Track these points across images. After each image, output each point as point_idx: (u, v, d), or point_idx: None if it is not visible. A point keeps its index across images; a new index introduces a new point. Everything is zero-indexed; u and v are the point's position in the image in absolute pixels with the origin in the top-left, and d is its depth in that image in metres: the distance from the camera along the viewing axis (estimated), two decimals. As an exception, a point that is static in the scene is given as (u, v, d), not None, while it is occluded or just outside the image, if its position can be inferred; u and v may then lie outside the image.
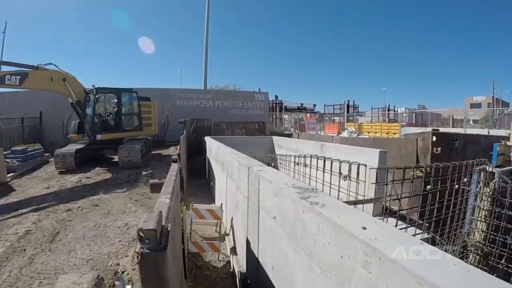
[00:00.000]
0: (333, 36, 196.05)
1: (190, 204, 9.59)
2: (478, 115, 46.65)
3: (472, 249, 9.76)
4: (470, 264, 9.15)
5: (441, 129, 24.93)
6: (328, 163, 7.32)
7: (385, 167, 6.18)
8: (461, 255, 9.35)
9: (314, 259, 3.20)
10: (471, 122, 41.98)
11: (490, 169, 9.93)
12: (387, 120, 38.80)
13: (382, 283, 2.14)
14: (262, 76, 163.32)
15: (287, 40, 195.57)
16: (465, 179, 8.96)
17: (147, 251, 2.60)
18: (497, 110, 39.02)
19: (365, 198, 6.79)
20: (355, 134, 29.86)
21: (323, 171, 7.47)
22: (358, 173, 6.59)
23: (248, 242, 6.43)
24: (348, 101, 46.29)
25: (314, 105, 51.65)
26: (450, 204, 8.31)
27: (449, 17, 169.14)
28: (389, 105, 46.37)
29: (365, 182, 6.44)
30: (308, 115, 43.81)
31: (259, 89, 33.43)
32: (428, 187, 7.71)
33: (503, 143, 12.06)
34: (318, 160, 7.73)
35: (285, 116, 44.38)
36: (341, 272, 2.67)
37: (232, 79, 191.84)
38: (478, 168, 9.69)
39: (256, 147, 14.21)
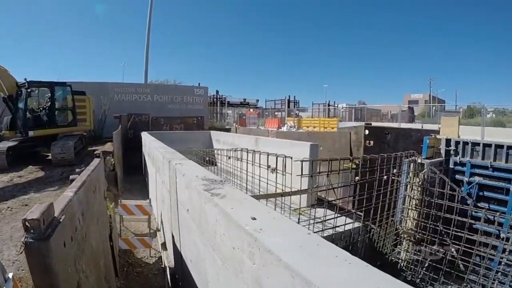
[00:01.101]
0: (278, 33, 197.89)
1: (119, 201, 9.29)
2: (415, 111, 49.20)
3: (404, 236, 10.14)
4: (404, 250, 9.54)
5: (374, 123, 25.82)
6: (258, 156, 7.28)
7: (309, 159, 6.16)
8: (394, 242, 9.70)
9: (216, 251, 3.11)
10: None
11: (420, 161, 10.35)
12: (322, 115, 40.15)
13: (263, 274, 2.04)
14: (206, 72, 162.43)
15: (232, 36, 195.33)
16: (395, 170, 9.26)
17: (31, 240, 2.62)
18: (433, 107, 40.98)
19: (293, 189, 6.76)
20: (294, 129, 30.35)
21: (253, 164, 7.43)
22: (285, 166, 6.54)
23: (173, 237, 6.28)
24: (289, 96, 47.34)
25: (257, 100, 52.29)
26: (381, 194, 8.58)
27: (390, 18, 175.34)
28: (329, 101, 47.71)
29: (291, 174, 6.40)
30: (251, 110, 44.30)
31: (199, 83, 33.05)
32: (357, 178, 7.88)
33: (433, 136, 12.58)
34: (248, 154, 7.67)
35: (229, 111, 44.40)
36: (235, 263, 2.58)
37: (174, 74, 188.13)
38: (407, 159, 10.05)
39: (194, 142, 14.01)
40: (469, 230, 9.40)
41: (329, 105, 44.48)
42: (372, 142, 11.93)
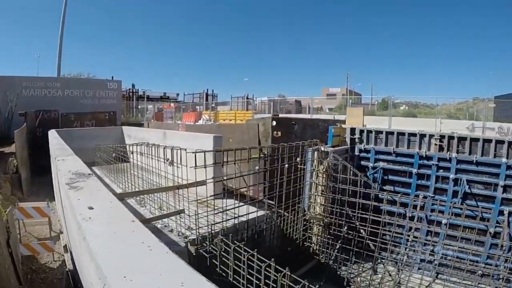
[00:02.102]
0: (199, 28, 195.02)
1: (16, 204, 8.81)
2: (333, 104, 51.67)
3: (314, 221, 10.59)
4: (315, 235, 9.96)
5: (289, 115, 26.80)
6: (156, 149, 7.27)
7: (202, 150, 6.24)
8: (304, 227, 10.10)
9: (77, 243, 3.04)
10: (327, 110, 46.44)
11: (323, 149, 10.84)
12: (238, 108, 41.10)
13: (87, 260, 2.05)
14: (126, 66, 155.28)
15: (152, 31, 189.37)
16: (298, 159, 9.62)
17: None
18: (350, 100, 42.88)
19: (188, 181, 6.78)
20: (210, 122, 30.40)
21: (152, 158, 7.41)
22: (180, 158, 6.57)
23: (67, 236, 6.09)
24: (207, 90, 47.25)
25: (177, 94, 51.42)
26: (284, 182, 8.86)
27: (310, 14, 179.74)
28: (247, 94, 48.54)
29: (186, 166, 6.44)
30: (172, 104, 43.62)
31: (112, 77, 31.63)
32: (257, 167, 8.10)
33: (338, 125, 13.26)
34: (148, 148, 7.64)
35: (150, 106, 43.38)
36: (81, 252, 2.56)
37: (90, 67, 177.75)
38: (311, 148, 10.48)
39: (105, 138, 13.51)
40: (376, 212, 10.04)
41: (247, 98, 45.23)
42: (279, 133, 12.33)
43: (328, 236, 10.54)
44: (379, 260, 10.57)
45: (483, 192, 10.87)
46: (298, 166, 9.66)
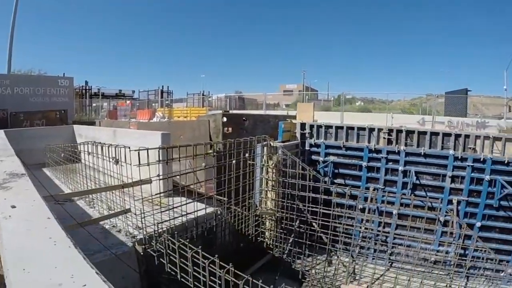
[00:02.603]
0: (157, 25, 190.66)
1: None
2: (290, 100, 52.25)
3: (265, 216, 10.74)
4: (268, 230, 10.09)
5: (233, 111, 27.05)
6: (100, 148, 7.24)
7: (146, 148, 6.27)
8: (256, 223, 10.23)
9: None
10: (284, 106, 46.96)
11: (272, 144, 11.02)
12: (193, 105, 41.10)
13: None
14: (80, 62, 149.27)
15: (107, 26, 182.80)
16: (246, 155, 9.75)
17: None
18: (306, 96, 43.32)
19: (134, 180, 6.79)
20: (165, 119, 30.09)
21: (98, 158, 7.37)
22: (125, 157, 6.58)
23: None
24: (162, 86, 46.49)
25: (133, 91, 50.24)
26: (232, 178, 8.96)
27: (266, 11, 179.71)
28: (203, 91, 48.44)
29: (131, 164, 6.45)
30: (128, 101, 42.52)
31: (64, 74, 30.40)
32: (203, 164, 8.18)
33: (288, 121, 13.47)
34: (94, 147, 7.59)
35: (105, 104, 42.23)
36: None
37: (43, 63, 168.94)
38: (260, 144, 10.62)
39: (55, 138, 13.15)
40: (327, 205, 10.25)
41: (203, 95, 45.04)
42: (230, 129, 12.39)
43: (281, 231, 10.64)
44: (333, 252, 10.85)
45: (431, 182, 11.30)
46: (248, 161, 9.79)
